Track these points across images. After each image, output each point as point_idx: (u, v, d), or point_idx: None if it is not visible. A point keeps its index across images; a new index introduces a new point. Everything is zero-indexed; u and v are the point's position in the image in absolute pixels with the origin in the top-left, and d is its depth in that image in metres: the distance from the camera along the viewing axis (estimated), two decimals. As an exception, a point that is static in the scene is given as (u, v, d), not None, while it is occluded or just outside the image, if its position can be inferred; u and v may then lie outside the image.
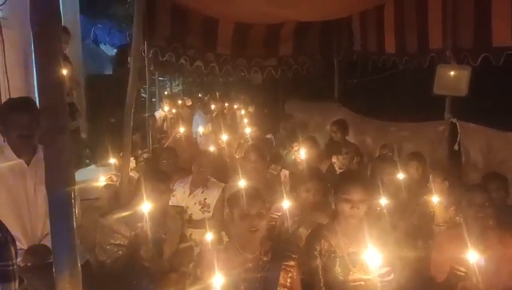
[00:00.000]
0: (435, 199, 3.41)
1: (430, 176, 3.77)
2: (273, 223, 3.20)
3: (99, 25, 12.29)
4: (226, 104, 10.75)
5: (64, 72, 5.11)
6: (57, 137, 1.11)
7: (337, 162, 4.62)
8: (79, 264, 1.19)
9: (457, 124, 4.50)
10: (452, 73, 4.34)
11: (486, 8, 3.89)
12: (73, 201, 1.14)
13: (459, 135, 4.45)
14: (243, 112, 9.01)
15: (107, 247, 2.93)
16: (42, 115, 1.14)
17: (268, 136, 6.77)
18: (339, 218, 2.52)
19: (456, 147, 4.49)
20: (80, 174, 4.81)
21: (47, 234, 2.66)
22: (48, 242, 2.57)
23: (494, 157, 4.18)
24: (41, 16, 1.11)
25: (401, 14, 5.18)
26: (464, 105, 4.60)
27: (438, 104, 4.71)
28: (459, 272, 2.31)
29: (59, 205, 1.14)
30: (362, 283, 2.07)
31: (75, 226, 1.15)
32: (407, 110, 6.22)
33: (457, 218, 2.68)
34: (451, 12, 4.29)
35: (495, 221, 2.68)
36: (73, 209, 1.15)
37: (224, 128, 6.15)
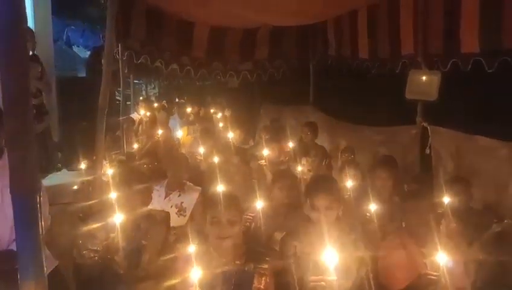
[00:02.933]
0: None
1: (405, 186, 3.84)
2: (247, 224, 3.20)
3: (72, 27, 12.06)
4: (202, 110, 10.67)
5: (34, 73, 5.02)
6: (21, 140, 1.09)
7: (306, 164, 4.68)
8: (45, 271, 1.16)
9: (428, 128, 4.59)
10: (423, 78, 4.43)
11: (455, 16, 3.99)
12: (38, 206, 1.11)
13: (429, 139, 4.55)
14: (219, 115, 8.98)
15: (84, 252, 2.88)
16: (6, 117, 1.11)
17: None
18: (312, 221, 2.54)
19: (427, 151, 4.58)
20: (51, 179, 4.71)
21: (15, 239, 2.59)
22: (15, 247, 2.51)
23: (463, 160, 4.29)
24: (5, 16, 1.08)
25: (373, 20, 5.27)
26: (435, 109, 4.70)
27: (411, 108, 4.80)
28: (430, 277, 2.32)
29: (24, 210, 1.11)
30: (323, 283, 2.07)
31: (40, 232, 1.13)
32: (380, 114, 6.33)
33: (402, 223, 2.72)
34: (421, 19, 4.38)
35: (458, 223, 2.75)
36: (39, 214, 1.12)
37: (201, 136, 5.99)
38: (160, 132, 6.08)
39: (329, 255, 2.01)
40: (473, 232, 3.03)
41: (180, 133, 7.07)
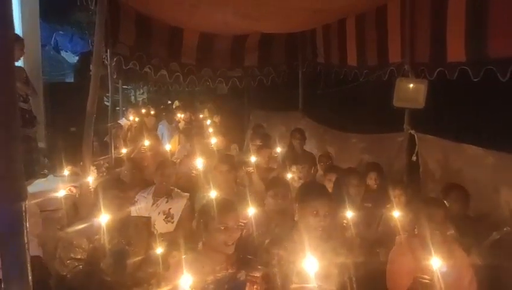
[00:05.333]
0: (396, 214, 3.35)
1: (390, 190, 3.86)
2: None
3: (60, 32, 11.96)
4: (193, 116, 10.62)
5: (20, 77, 4.96)
6: (7, 148, 1.07)
7: (296, 171, 4.67)
8: (30, 283, 1.14)
9: (415, 135, 4.63)
10: (410, 86, 4.47)
11: (441, 25, 4.04)
12: (24, 215, 1.09)
13: (416, 146, 4.58)
14: (208, 121, 8.97)
15: (68, 262, 2.83)
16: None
17: (233, 146, 6.76)
18: (299, 228, 2.53)
19: (414, 158, 4.62)
20: (37, 185, 4.65)
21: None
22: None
23: (450, 167, 4.33)
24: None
25: (362, 29, 5.33)
26: (422, 117, 4.73)
27: (398, 115, 4.84)
28: (424, 280, 2.33)
29: (9, 219, 1.09)
30: None
31: (26, 242, 1.11)
32: (368, 121, 6.36)
33: (415, 230, 2.72)
34: (409, 28, 4.44)
35: (454, 230, 2.75)
36: (25, 224, 1.10)
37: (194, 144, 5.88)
38: (146, 142, 5.91)
39: (310, 263, 2.01)
40: (470, 240, 3.05)
41: (168, 147, 6.97)
